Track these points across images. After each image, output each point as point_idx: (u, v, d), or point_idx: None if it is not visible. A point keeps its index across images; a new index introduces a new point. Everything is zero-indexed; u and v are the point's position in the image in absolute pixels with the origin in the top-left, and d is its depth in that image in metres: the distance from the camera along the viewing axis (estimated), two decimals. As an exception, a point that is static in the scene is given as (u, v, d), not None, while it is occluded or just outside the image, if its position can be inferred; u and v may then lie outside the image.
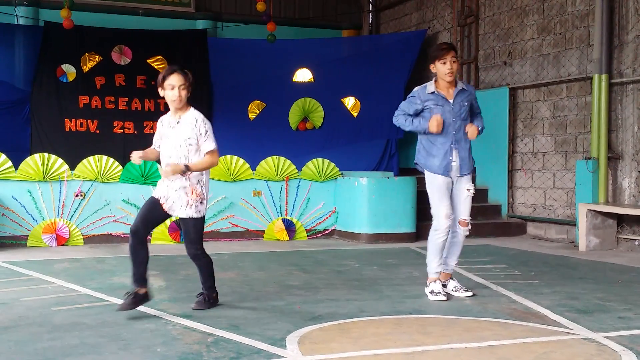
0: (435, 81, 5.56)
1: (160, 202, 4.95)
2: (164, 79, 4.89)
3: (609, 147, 9.05)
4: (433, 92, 5.50)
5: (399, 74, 12.37)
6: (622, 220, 8.87)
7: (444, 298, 5.45)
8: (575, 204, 9.21)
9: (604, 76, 8.99)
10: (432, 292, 5.52)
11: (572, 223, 9.43)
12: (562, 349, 4.09)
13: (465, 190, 5.56)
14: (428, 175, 5.57)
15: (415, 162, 5.69)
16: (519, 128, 10.63)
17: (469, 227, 5.65)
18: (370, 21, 14.57)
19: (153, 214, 4.97)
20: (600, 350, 4.04)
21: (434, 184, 5.52)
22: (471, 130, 5.50)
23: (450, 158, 5.50)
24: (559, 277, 6.68)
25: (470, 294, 5.60)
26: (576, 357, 3.91)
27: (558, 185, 9.94)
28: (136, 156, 4.95)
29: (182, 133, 4.93)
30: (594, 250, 8.67)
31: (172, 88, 4.87)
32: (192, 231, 5.02)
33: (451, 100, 5.49)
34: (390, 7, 14.13)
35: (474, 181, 5.92)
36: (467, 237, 5.71)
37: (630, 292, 5.89)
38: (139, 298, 4.89)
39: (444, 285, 5.66)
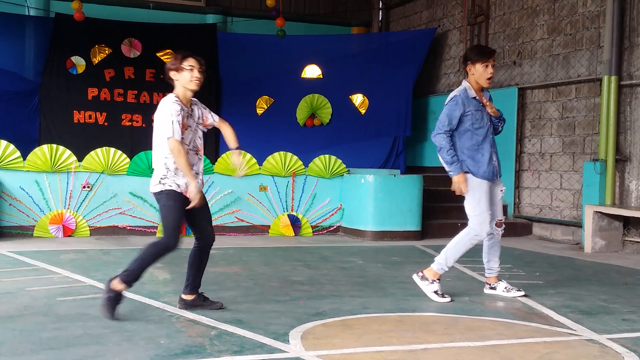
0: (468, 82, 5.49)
1: (183, 191, 4.95)
2: (182, 60, 4.74)
3: (617, 149, 9.02)
4: (475, 98, 5.44)
5: (408, 72, 12.36)
6: (628, 223, 8.85)
7: (448, 300, 5.35)
8: (582, 205, 9.19)
9: (613, 78, 8.96)
10: (436, 292, 5.40)
11: (578, 224, 9.41)
12: (565, 349, 4.08)
13: (500, 191, 5.61)
14: (474, 181, 5.44)
15: (464, 170, 5.51)
16: (527, 128, 10.60)
17: (503, 225, 5.70)
18: (380, 18, 14.55)
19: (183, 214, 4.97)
20: (603, 351, 4.04)
21: (482, 190, 5.43)
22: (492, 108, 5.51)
23: (494, 162, 5.52)
24: (564, 278, 6.67)
25: (522, 293, 5.58)
26: (579, 358, 3.91)
27: (565, 187, 9.91)
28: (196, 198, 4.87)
29: (197, 121, 5.00)
30: (600, 252, 8.65)
31: (192, 69, 4.74)
32: (209, 209, 5.04)
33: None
34: (401, 5, 14.11)
35: None
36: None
37: (635, 294, 5.88)
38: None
39: (493, 288, 5.66)
